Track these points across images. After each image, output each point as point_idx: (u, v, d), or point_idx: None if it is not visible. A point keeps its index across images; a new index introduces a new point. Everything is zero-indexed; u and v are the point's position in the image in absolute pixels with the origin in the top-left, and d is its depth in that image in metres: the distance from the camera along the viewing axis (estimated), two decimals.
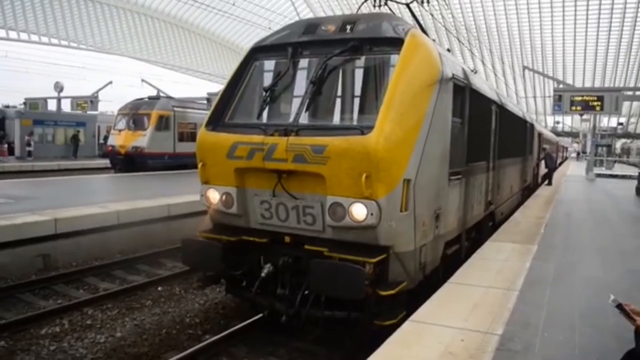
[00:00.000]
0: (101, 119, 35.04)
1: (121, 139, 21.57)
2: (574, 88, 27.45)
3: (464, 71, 6.83)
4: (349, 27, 5.62)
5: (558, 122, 68.64)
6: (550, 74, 53.80)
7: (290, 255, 5.43)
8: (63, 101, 35.12)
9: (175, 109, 22.97)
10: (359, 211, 4.84)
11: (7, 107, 39.26)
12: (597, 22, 51.43)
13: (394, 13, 7.34)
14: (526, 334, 4.32)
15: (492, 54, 57.85)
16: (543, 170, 21.82)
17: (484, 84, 8.79)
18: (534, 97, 66.06)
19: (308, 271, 4.96)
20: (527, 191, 16.47)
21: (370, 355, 3.83)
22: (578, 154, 67.36)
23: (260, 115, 5.78)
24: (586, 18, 51.28)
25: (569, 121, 70.11)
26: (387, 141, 4.76)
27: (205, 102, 25.88)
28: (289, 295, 5.37)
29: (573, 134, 73.06)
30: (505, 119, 10.13)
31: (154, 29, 59.23)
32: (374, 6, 9.58)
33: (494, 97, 8.88)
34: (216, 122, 5.87)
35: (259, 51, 6.19)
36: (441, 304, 5.04)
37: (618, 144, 68.10)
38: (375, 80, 5.58)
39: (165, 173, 19.99)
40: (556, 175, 22.89)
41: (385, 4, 9.57)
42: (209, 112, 6.04)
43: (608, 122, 62.99)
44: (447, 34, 47.43)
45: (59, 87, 34.51)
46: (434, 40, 6.44)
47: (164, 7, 57.29)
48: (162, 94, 26.37)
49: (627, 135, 68.56)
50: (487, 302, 5.11)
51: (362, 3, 9.35)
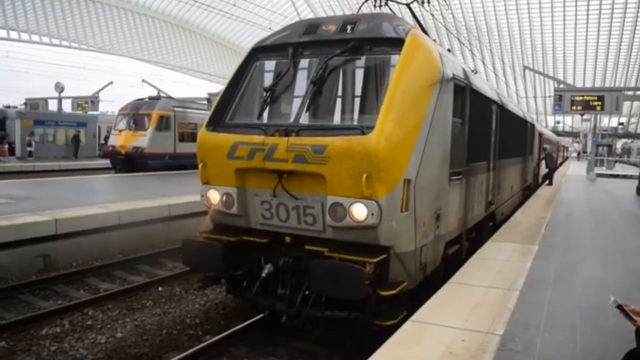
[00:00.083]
0: (102, 119, 35.10)
1: (122, 139, 21.59)
2: (575, 88, 27.45)
3: (465, 71, 6.83)
4: (349, 27, 5.62)
5: (558, 122, 68.64)
6: (551, 73, 53.75)
7: (290, 255, 5.43)
8: (64, 101, 35.17)
9: (176, 109, 22.98)
10: (359, 211, 4.84)
11: (8, 107, 39.29)
12: (598, 21, 51.44)
13: (394, 13, 7.34)
14: (527, 334, 4.31)
15: (492, 54, 57.86)
16: (544, 170, 21.80)
17: (484, 84, 8.79)
18: (535, 97, 66.04)
19: (308, 271, 4.96)
20: (528, 191, 16.46)
21: (370, 355, 3.83)
22: (578, 153, 67.33)
23: (260, 115, 5.79)
24: (586, 18, 51.28)
25: (569, 121, 70.12)
26: (388, 141, 4.76)
27: (205, 102, 25.88)
28: (290, 295, 5.38)
29: (573, 134, 73.05)
30: (506, 119, 10.12)
31: (155, 29, 59.27)
32: (375, 6, 9.58)
33: (494, 97, 8.88)
34: (217, 122, 5.87)
35: (259, 51, 6.19)
36: (442, 304, 5.04)
37: (619, 144, 68.05)
38: (376, 80, 5.58)
39: (165, 173, 20.00)
40: (557, 175, 22.88)
41: (386, 4, 9.57)
42: (209, 113, 6.04)
43: (609, 122, 63.01)
44: (447, 34, 47.43)
45: (59, 88, 34.52)
46: (434, 40, 6.44)
47: (165, 7, 57.34)
48: (162, 94, 26.37)
49: (627, 135, 68.56)
50: (487, 302, 5.11)
51: (363, 3, 9.35)
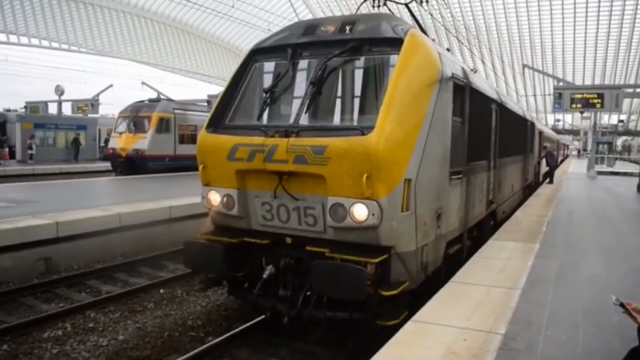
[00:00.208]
0: (102, 122, 35.13)
1: (122, 142, 21.60)
2: (574, 86, 27.42)
3: (464, 70, 6.82)
4: (348, 27, 5.61)
5: (559, 120, 68.66)
6: (550, 72, 53.78)
7: (291, 256, 5.42)
8: (64, 104, 35.15)
9: (176, 111, 23.00)
10: (360, 211, 4.84)
11: (8, 111, 39.33)
12: (597, 19, 51.42)
13: (393, 13, 7.34)
14: (529, 333, 4.31)
15: (491, 53, 57.83)
16: (544, 168, 21.79)
17: (483, 82, 8.78)
18: (534, 96, 65.99)
19: (310, 272, 4.95)
20: (529, 189, 16.45)
21: (372, 355, 3.82)
22: (579, 151, 67.33)
23: (260, 116, 5.78)
24: (585, 15, 51.26)
25: (569, 119, 70.19)
26: (388, 141, 4.75)
27: (205, 104, 25.89)
28: (291, 296, 5.37)
29: (574, 132, 73.05)
30: (506, 118, 10.11)
31: (154, 32, 59.33)
32: (373, 6, 9.57)
33: (494, 95, 8.88)
34: (217, 124, 5.87)
35: (258, 53, 6.19)
36: (443, 303, 5.03)
37: (619, 142, 68.07)
38: (375, 80, 5.58)
39: (166, 175, 20.00)
40: (557, 173, 22.87)
41: (385, 4, 9.56)
42: (209, 114, 6.04)
43: (609, 119, 62.90)
44: (446, 33, 47.43)
45: (59, 91, 34.53)
46: (433, 40, 6.44)
47: (164, 9, 57.38)
48: (162, 97, 26.40)
49: (627, 132, 68.56)
50: (489, 301, 5.11)
51: (362, 3, 9.35)
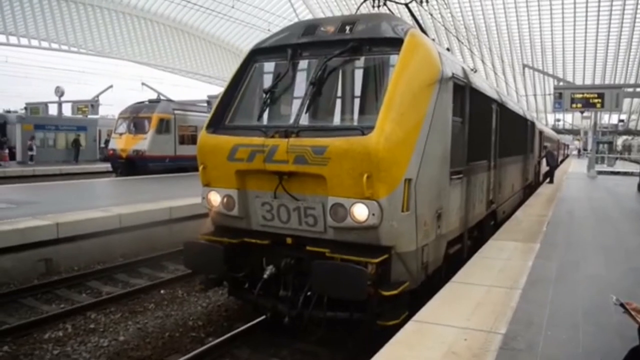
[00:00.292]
0: (102, 123, 35.13)
1: (122, 143, 21.60)
2: (575, 85, 27.42)
3: (464, 70, 6.82)
4: (348, 27, 5.62)
5: (559, 120, 68.66)
6: (550, 71, 53.73)
7: (292, 256, 5.42)
8: (64, 105, 35.15)
9: (176, 112, 23.00)
10: (360, 211, 4.84)
11: (8, 112, 39.34)
12: (597, 19, 51.42)
13: (393, 13, 7.34)
14: (529, 332, 4.31)
15: (491, 53, 57.83)
16: (544, 168, 21.79)
17: (484, 82, 8.78)
18: (534, 95, 66.00)
19: (310, 272, 4.95)
20: (529, 189, 16.45)
21: (373, 355, 3.82)
22: (579, 151, 67.32)
23: (260, 117, 5.78)
24: (585, 15, 51.26)
25: (569, 119, 70.19)
26: (388, 141, 4.75)
27: (205, 104, 25.90)
28: (292, 296, 5.37)
29: (574, 132, 73.05)
30: (506, 118, 10.11)
31: (154, 33, 59.35)
32: (373, 7, 9.57)
33: (494, 95, 8.88)
34: (217, 124, 5.87)
35: (258, 53, 6.19)
36: (444, 303, 5.03)
37: (619, 141, 68.05)
38: (375, 80, 5.58)
39: (166, 176, 20.01)
40: (557, 173, 22.86)
41: (384, 4, 9.56)
42: (209, 115, 6.04)
43: (609, 119, 62.89)
44: (446, 33, 47.44)
45: (59, 92, 34.54)
46: (433, 39, 6.44)
47: (163, 10, 57.39)
48: (162, 97, 26.40)
49: (628, 132, 68.54)
50: (489, 301, 5.10)
51: (361, 3, 9.36)
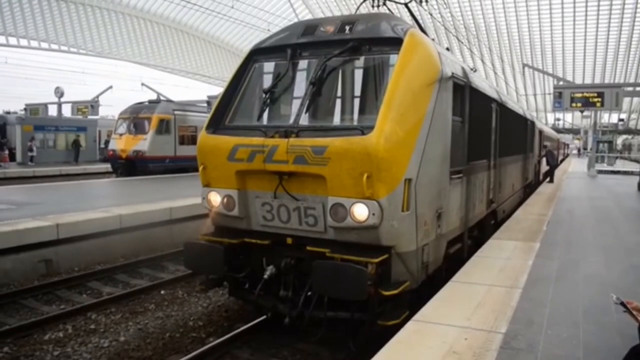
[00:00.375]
0: (102, 124, 35.14)
1: (122, 143, 21.61)
2: (574, 85, 27.43)
3: (464, 70, 6.82)
4: (347, 27, 5.62)
5: (559, 119, 68.63)
6: (550, 71, 53.73)
7: (292, 256, 5.43)
8: (64, 106, 35.19)
9: (176, 112, 23.00)
10: (360, 211, 4.84)
11: (8, 113, 39.35)
12: (597, 18, 51.39)
13: (392, 13, 7.34)
14: (530, 331, 4.31)
15: (491, 52, 57.80)
16: (544, 167, 21.80)
17: (483, 82, 8.78)
18: (534, 95, 65.99)
19: (310, 272, 4.95)
20: (529, 189, 16.45)
21: (373, 355, 3.82)
22: (579, 150, 67.31)
23: (260, 117, 5.78)
24: (585, 14, 51.24)
25: (569, 118, 70.14)
26: (388, 141, 4.75)
27: (205, 105, 25.91)
28: (292, 296, 5.38)
29: (574, 131, 73.02)
30: (506, 117, 10.11)
31: (154, 33, 59.32)
32: (373, 6, 9.58)
33: (494, 95, 8.88)
34: (216, 124, 5.87)
35: (258, 53, 6.19)
36: (444, 303, 5.03)
37: (619, 140, 68.00)
38: (375, 80, 5.57)
39: (166, 176, 20.01)
40: (557, 172, 22.86)
41: (384, 4, 9.57)
42: (209, 115, 6.04)
43: (609, 118, 62.89)
44: (446, 33, 47.43)
45: (59, 93, 34.56)
46: (433, 39, 6.44)
47: (163, 10, 57.36)
48: (162, 98, 26.39)
49: (628, 131, 68.51)
50: (490, 300, 5.11)
51: (361, 3, 9.36)
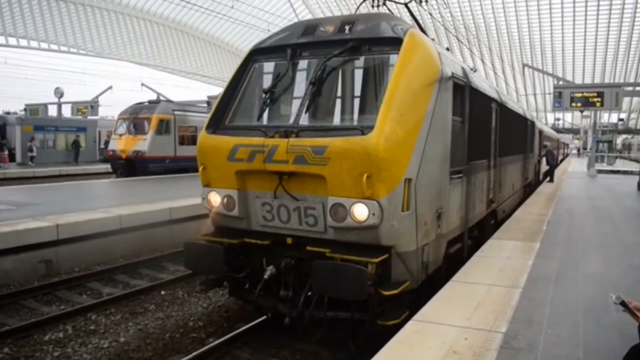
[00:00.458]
0: (102, 124, 35.14)
1: (122, 144, 21.60)
2: (574, 84, 27.43)
3: (464, 70, 6.82)
4: (347, 27, 5.62)
5: (558, 119, 68.64)
6: (550, 71, 53.75)
7: (292, 256, 5.43)
8: (63, 107, 35.19)
9: (176, 112, 22.99)
10: (360, 211, 4.84)
11: (8, 113, 39.35)
12: (596, 17, 51.41)
13: (392, 13, 7.34)
14: (530, 331, 4.31)
15: (491, 52, 57.81)
16: (544, 167, 21.80)
17: (483, 82, 8.79)
18: (534, 95, 65.99)
19: (310, 272, 4.95)
20: (529, 188, 16.45)
21: (373, 355, 3.82)
22: (579, 150, 67.30)
23: (260, 117, 5.78)
24: (585, 14, 51.25)
25: (569, 118, 70.15)
26: (388, 141, 4.76)
27: (205, 105, 25.91)
28: (292, 296, 5.38)
29: (574, 131, 73.02)
30: (506, 117, 10.12)
31: (153, 33, 59.32)
32: (373, 6, 9.58)
33: (493, 95, 8.88)
34: (216, 125, 5.87)
35: (258, 53, 6.20)
36: (444, 303, 5.03)
37: (619, 140, 68.00)
38: (375, 80, 5.57)
39: (166, 177, 20.01)
40: (557, 172, 22.86)
41: (384, 4, 9.57)
42: (209, 115, 6.04)
43: (608, 118, 62.88)
44: (446, 33, 47.44)
45: (59, 93, 34.56)
46: (432, 39, 6.44)
47: (163, 10, 57.36)
48: (162, 98, 26.39)
49: (627, 131, 68.52)
50: (490, 300, 5.11)
51: (361, 3, 9.37)
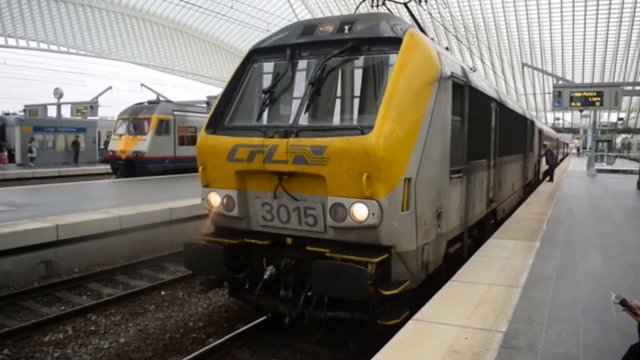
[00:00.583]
0: (101, 125, 35.13)
1: (122, 144, 21.59)
2: (574, 84, 27.41)
3: (463, 69, 6.82)
4: (347, 27, 5.62)
5: (558, 119, 68.65)
6: (550, 70, 53.74)
7: (292, 256, 5.43)
8: (63, 107, 35.14)
9: (175, 113, 22.99)
10: (360, 211, 4.84)
11: (7, 114, 39.32)
12: (596, 17, 51.40)
13: (391, 13, 7.34)
14: (530, 330, 4.31)
15: (490, 52, 57.81)
16: (544, 166, 21.80)
17: (483, 81, 8.79)
18: (534, 94, 65.97)
19: (310, 272, 4.95)
20: (529, 188, 16.46)
21: (373, 355, 3.82)
22: (578, 150, 67.32)
23: (259, 117, 5.78)
24: (584, 13, 51.24)
25: (569, 117, 70.18)
26: (387, 141, 4.76)
27: (205, 105, 25.92)
28: (292, 296, 5.38)
29: (573, 130, 73.05)
30: (505, 116, 10.12)
31: (153, 34, 59.30)
32: (372, 6, 9.58)
33: (493, 94, 8.88)
34: (216, 125, 5.87)
35: (257, 53, 6.20)
36: (444, 302, 5.03)
37: (618, 139, 68.04)
38: (374, 80, 5.57)
39: (166, 177, 20.01)
40: (557, 171, 22.87)
41: (383, 3, 9.57)
42: (208, 116, 6.04)
43: (608, 117, 62.88)
44: (445, 32, 47.44)
45: (58, 93, 34.51)
46: (432, 39, 6.44)
47: (162, 11, 57.35)
48: (161, 98, 26.39)
49: (627, 130, 68.52)
50: (490, 299, 5.11)
51: (360, 3, 9.37)
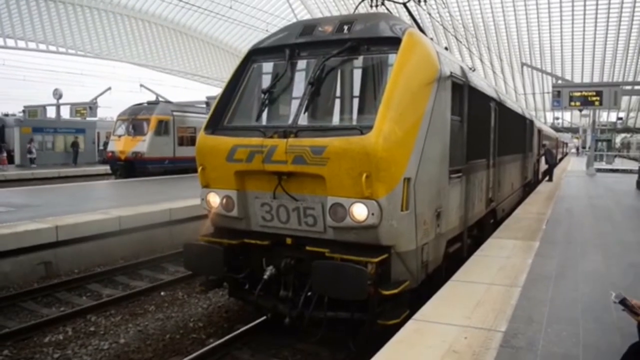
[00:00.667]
0: (100, 125, 35.12)
1: (121, 145, 21.57)
2: (573, 84, 27.41)
3: (462, 69, 6.83)
4: (346, 27, 5.62)
5: (557, 118, 68.69)
6: (549, 70, 53.80)
7: (292, 257, 5.43)
8: (62, 108, 35.11)
9: (175, 113, 22.98)
10: (359, 211, 4.84)
11: (6, 115, 39.30)
12: (595, 16, 51.44)
13: (391, 13, 7.35)
14: (530, 330, 4.31)
15: (490, 52, 57.84)
16: (543, 166, 21.81)
17: (482, 81, 8.79)
18: (533, 94, 66.00)
19: (310, 272, 4.95)
20: (528, 187, 16.46)
21: (373, 355, 3.82)
22: (577, 149, 67.37)
23: (259, 117, 5.78)
24: (584, 13, 51.29)
25: (568, 117, 70.24)
26: (387, 141, 4.76)
27: (204, 105, 25.90)
28: (292, 297, 5.38)
29: (573, 130, 73.10)
30: (505, 116, 10.12)
31: (152, 34, 59.29)
32: (371, 6, 9.58)
33: (492, 94, 8.88)
34: (215, 125, 5.87)
35: (256, 53, 6.20)
36: (444, 302, 5.03)
37: (618, 139, 68.14)
38: (374, 80, 5.57)
39: (165, 178, 20.01)
40: (556, 171, 22.89)
41: (382, 3, 9.57)
42: (208, 116, 6.04)
43: (607, 117, 62.99)
44: (444, 32, 47.46)
45: (57, 94, 34.49)
46: (431, 39, 6.44)
47: (161, 11, 57.36)
48: (161, 99, 26.38)
49: (626, 129, 68.60)
50: (490, 299, 5.11)
51: (359, 3, 9.36)
